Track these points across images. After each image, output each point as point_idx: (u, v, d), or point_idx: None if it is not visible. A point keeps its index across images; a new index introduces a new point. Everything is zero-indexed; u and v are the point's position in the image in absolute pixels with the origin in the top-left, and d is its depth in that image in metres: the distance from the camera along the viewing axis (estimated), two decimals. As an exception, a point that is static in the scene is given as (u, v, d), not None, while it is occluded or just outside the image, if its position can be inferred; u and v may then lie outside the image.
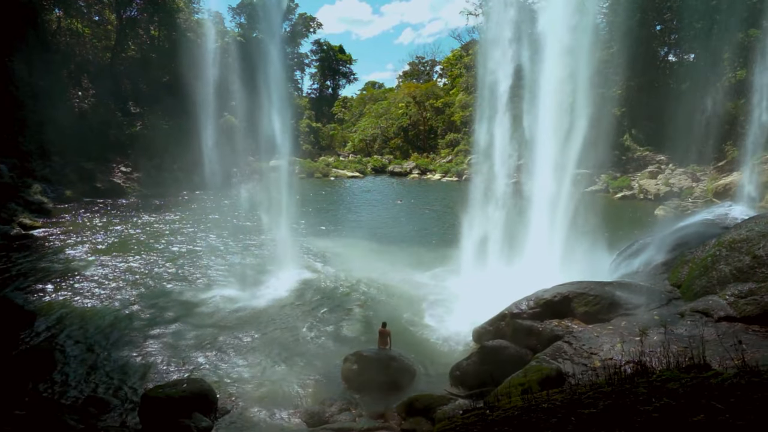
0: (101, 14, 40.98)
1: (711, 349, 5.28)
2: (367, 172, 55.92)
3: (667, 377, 3.06)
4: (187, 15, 44.68)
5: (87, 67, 38.25)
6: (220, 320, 11.68)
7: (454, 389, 8.42)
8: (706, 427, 2.21)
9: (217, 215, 26.66)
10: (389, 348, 9.44)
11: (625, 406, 2.67)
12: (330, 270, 16.11)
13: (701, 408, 2.40)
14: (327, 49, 78.75)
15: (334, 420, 7.49)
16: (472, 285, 14.03)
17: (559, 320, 9.14)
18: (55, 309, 11.85)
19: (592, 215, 15.63)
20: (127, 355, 9.64)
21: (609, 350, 7.09)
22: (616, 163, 38.97)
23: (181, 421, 6.99)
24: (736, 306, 7.32)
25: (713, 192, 29.64)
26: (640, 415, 2.48)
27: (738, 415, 2.26)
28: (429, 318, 12.14)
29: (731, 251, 8.10)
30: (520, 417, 2.89)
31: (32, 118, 29.48)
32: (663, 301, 8.79)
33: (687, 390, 2.70)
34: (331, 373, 9.14)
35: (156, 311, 12.13)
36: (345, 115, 79.54)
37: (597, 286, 9.35)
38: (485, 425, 2.94)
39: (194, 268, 15.94)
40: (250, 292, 13.52)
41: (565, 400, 2.99)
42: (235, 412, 7.71)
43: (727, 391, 2.58)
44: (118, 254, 17.12)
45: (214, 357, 9.64)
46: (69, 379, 8.67)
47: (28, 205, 22.68)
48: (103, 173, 33.25)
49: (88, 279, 14.27)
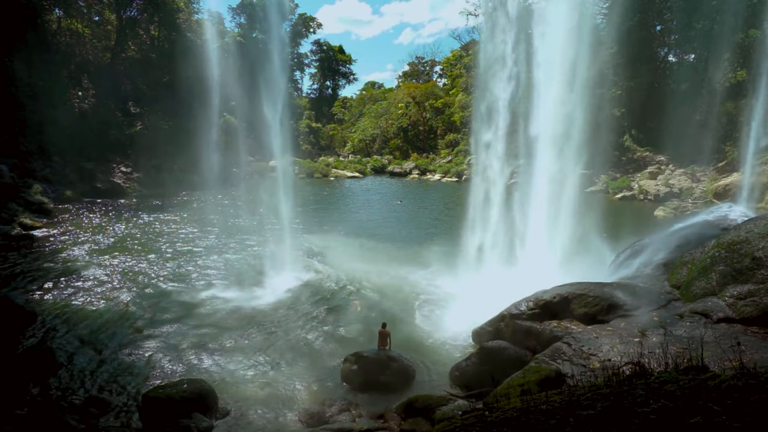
0: (101, 14, 40.98)
1: (710, 350, 5.30)
2: (366, 173, 55.94)
3: (665, 379, 3.08)
4: (187, 15, 44.72)
5: (87, 68, 38.27)
6: (220, 321, 11.70)
7: (454, 390, 8.44)
8: (703, 429, 2.23)
9: (216, 215, 26.67)
10: (389, 348, 9.46)
11: (623, 407, 2.69)
12: (330, 270, 16.13)
13: (698, 410, 2.42)
14: (327, 50, 78.79)
15: (334, 420, 7.51)
16: (471, 286, 14.06)
17: (558, 321, 9.16)
18: (56, 309, 11.87)
19: (592, 216, 15.65)
20: (128, 356, 9.66)
21: (608, 351, 7.11)
22: (615, 163, 39.00)
23: (181, 422, 7.01)
24: (735, 307, 7.34)
25: (713, 193, 29.66)
26: (637, 417, 2.50)
27: (735, 417, 2.28)
28: (428, 318, 12.16)
29: (730, 253, 8.12)
30: (518, 418, 2.91)
31: (32, 118, 29.50)
32: (662, 303, 8.81)
33: (684, 392, 2.72)
34: (330, 374, 9.16)
35: (156, 311, 12.15)
36: (345, 116, 79.60)
37: (596, 288, 9.37)
38: (484, 426, 2.96)
39: (194, 269, 15.96)
40: (249, 293, 13.54)
41: (564, 402, 3.01)
42: (235, 412, 7.73)
43: (724, 393, 2.60)
44: (118, 254, 17.14)
45: (214, 357, 9.66)
46: (70, 380, 8.69)
47: (28, 206, 22.69)
48: (103, 173, 33.28)
49: (89, 279, 14.29)
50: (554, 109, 14.56)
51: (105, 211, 26.03)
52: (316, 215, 25.32)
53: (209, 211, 28.30)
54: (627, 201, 34.23)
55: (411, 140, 65.84)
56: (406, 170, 56.36)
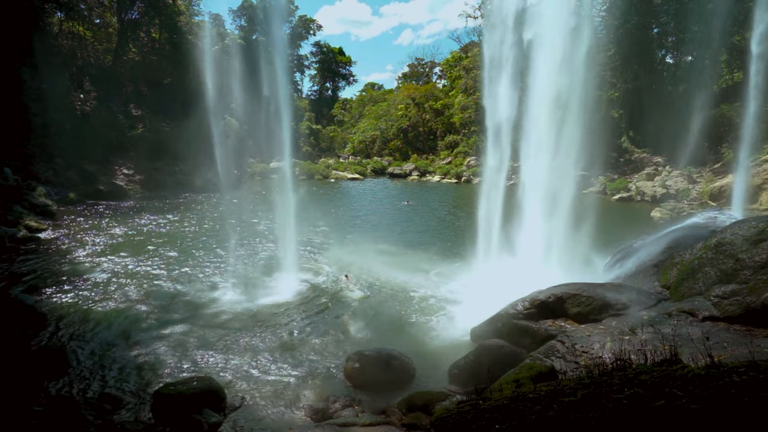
0: (102, 17, 41.32)
1: (692, 346, 5.64)
2: (367, 174, 56.30)
3: (641, 370, 3.43)
4: (188, 18, 45.06)
5: (88, 70, 38.60)
6: (226, 321, 12.03)
7: (453, 386, 8.76)
8: (666, 410, 2.57)
9: (218, 217, 27.01)
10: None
11: (600, 395, 3.03)
12: (332, 271, 16.47)
13: (664, 395, 2.76)
14: (327, 51, 79.23)
15: (338, 415, 7.84)
16: (469, 286, 14.43)
17: (553, 320, 9.50)
18: (65, 310, 12.20)
19: (589, 217, 15.98)
20: (137, 354, 9.99)
21: (599, 349, 7.45)
22: (613, 164, 39.40)
23: (192, 417, 7.33)
24: (720, 306, 7.70)
25: (708, 194, 30.02)
26: (612, 402, 2.84)
27: (694, 400, 2.62)
28: (428, 318, 12.50)
29: (716, 254, 8.47)
30: (508, 405, 3.25)
31: (36, 120, 29.80)
32: (652, 302, 9.16)
33: (655, 381, 3.07)
34: (334, 372, 9.50)
35: (162, 312, 12.48)
36: (345, 117, 79.91)
37: (590, 288, 9.71)
38: (478, 412, 3.30)
39: (198, 270, 16.28)
40: (254, 294, 13.87)
41: (549, 391, 3.35)
42: (243, 408, 8.05)
43: (689, 381, 2.95)
44: (123, 256, 17.46)
45: (222, 356, 9.99)
46: (82, 378, 9.01)
47: (33, 208, 22.99)
48: (106, 175, 33.63)
49: (96, 280, 14.62)
50: (552, 109, 14.85)
51: (108, 213, 26.35)
52: (318, 217, 25.64)
53: (211, 212, 28.64)
54: (624, 202, 34.60)
55: (411, 141, 66.22)
56: (406, 172, 56.76)
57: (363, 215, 30.08)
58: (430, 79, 79.07)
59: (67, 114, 33.55)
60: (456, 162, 54.46)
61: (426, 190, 45.74)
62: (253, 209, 28.95)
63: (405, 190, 45.27)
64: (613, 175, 38.22)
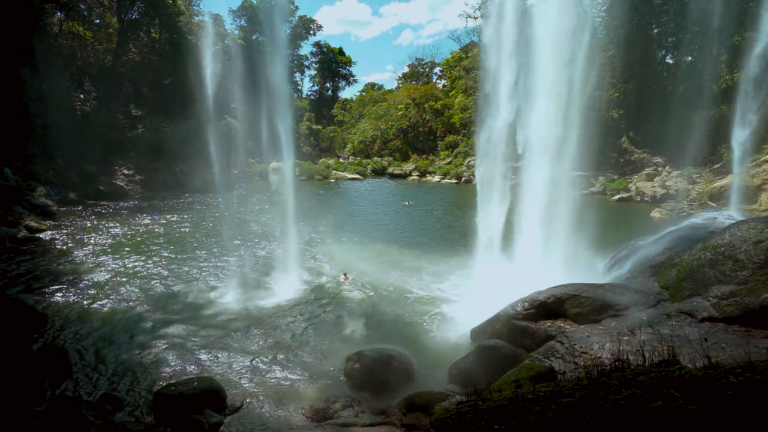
0: (102, 17, 41.33)
1: (691, 347, 5.67)
2: (367, 174, 56.37)
3: (638, 371, 3.45)
4: (188, 18, 45.08)
5: (88, 70, 38.63)
6: (226, 321, 12.06)
7: (452, 387, 8.79)
8: (663, 411, 2.59)
9: (218, 217, 27.04)
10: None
11: (598, 395, 3.06)
12: (332, 271, 16.50)
13: (661, 396, 2.79)
14: (327, 51, 79.28)
15: (338, 416, 7.87)
16: (469, 287, 14.45)
17: (552, 321, 9.52)
18: (66, 310, 12.22)
19: (589, 218, 16.01)
20: (138, 355, 10.01)
21: (598, 349, 7.48)
22: (613, 165, 39.46)
23: (193, 417, 7.36)
24: (718, 307, 7.72)
25: (708, 195, 30.06)
26: (609, 403, 2.87)
27: (691, 401, 2.65)
28: (428, 318, 12.53)
29: (715, 255, 8.49)
30: (507, 406, 3.27)
31: (36, 121, 29.85)
32: (652, 303, 9.18)
33: (653, 382, 3.09)
34: (334, 372, 9.52)
35: (163, 312, 12.51)
36: (345, 117, 79.94)
37: (589, 288, 9.72)
38: (477, 413, 3.32)
39: (198, 270, 16.31)
40: (254, 294, 13.90)
41: (548, 392, 3.38)
42: (243, 408, 8.08)
43: (686, 382, 2.97)
44: (123, 256, 17.49)
45: (222, 357, 10.01)
46: (83, 378, 9.04)
47: (33, 208, 23.03)
48: (106, 176, 33.66)
49: (96, 280, 14.65)
50: (551, 110, 14.85)
51: (108, 213, 26.39)
52: (318, 217, 25.68)
53: (211, 212, 28.67)
54: (624, 202, 34.63)
55: (411, 142, 66.27)
56: (406, 172, 56.82)
57: (363, 215, 30.13)
58: (430, 79, 79.15)
59: (68, 114, 33.57)
60: (456, 162, 54.49)
61: (426, 190, 45.77)
62: (253, 209, 29.00)
63: (405, 190, 45.31)
64: (613, 176, 38.27)
